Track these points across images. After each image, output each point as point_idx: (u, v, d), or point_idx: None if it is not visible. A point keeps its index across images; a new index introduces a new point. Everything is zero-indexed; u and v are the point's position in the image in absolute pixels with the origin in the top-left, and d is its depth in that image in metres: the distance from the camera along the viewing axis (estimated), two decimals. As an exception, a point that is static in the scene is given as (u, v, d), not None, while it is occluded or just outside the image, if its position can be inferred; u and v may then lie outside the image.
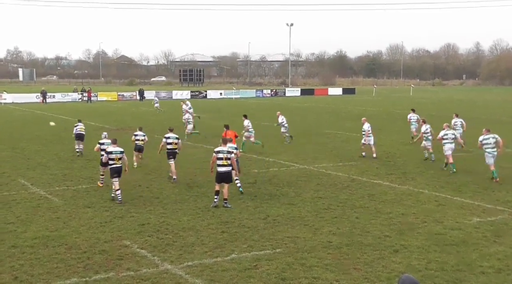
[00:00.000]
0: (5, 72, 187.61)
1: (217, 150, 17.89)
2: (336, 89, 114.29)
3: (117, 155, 18.54)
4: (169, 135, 22.17)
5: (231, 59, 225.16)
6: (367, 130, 27.54)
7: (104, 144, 20.69)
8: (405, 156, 27.84)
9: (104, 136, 21.96)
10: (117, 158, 18.53)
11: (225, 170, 17.67)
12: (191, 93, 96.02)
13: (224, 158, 17.61)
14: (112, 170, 18.54)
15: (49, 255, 13.19)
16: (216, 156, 17.72)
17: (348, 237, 14.50)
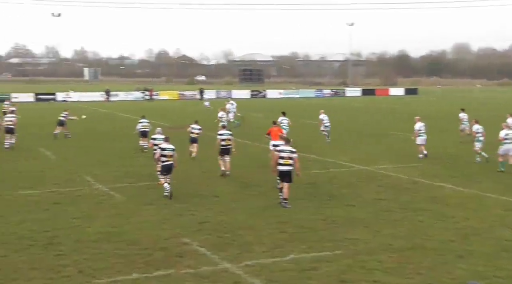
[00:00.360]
0: (71, 71, 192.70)
1: (279, 149, 17.97)
2: (397, 89, 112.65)
3: (170, 152, 18.97)
4: (222, 132, 22.93)
5: (291, 59, 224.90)
6: (418, 129, 27.39)
7: (156, 139, 21.66)
8: (468, 158, 27.13)
9: (158, 132, 22.61)
10: (169, 155, 18.95)
11: (286, 169, 17.69)
12: (251, 92, 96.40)
13: (286, 157, 17.66)
14: (164, 167, 18.97)
15: (112, 250, 13.43)
16: (278, 155, 17.77)
17: (409, 241, 14.22)
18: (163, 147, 19.18)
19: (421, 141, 27.44)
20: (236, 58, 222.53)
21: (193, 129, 26.98)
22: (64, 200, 18.46)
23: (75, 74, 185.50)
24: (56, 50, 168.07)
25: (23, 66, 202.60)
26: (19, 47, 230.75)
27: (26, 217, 16.34)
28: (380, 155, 28.43)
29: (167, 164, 18.97)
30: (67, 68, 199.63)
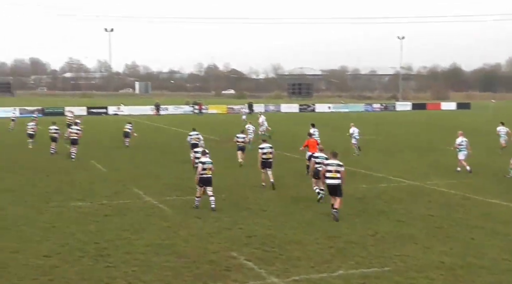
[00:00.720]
0: (123, 85, 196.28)
1: (326, 163, 18.41)
2: (449, 104, 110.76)
3: (209, 165, 19.31)
4: (263, 145, 23.44)
5: (340, 73, 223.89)
6: (458, 144, 27.50)
7: (198, 153, 22.51)
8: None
9: (201, 145, 23.39)
10: (208, 168, 19.25)
11: (334, 182, 17.94)
12: (300, 106, 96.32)
13: (333, 171, 17.89)
14: (202, 180, 19.23)
15: (160, 262, 13.53)
16: (325, 169, 18.14)
17: (461, 258, 13.91)
18: (203, 161, 19.51)
19: (461, 155, 27.41)
20: (285, 72, 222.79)
21: (238, 138, 29.85)
22: (113, 212, 18.73)
23: (126, 88, 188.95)
24: (108, 64, 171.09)
25: (76, 80, 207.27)
26: (73, 62, 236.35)
27: (78, 228, 16.63)
28: (431, 170, 27.97)
29: (205, 177, 19.25)
30: (119, 82, 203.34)
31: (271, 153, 22.97)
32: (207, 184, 19.25)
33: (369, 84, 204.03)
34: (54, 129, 34.56)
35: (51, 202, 20.21)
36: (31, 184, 23.92)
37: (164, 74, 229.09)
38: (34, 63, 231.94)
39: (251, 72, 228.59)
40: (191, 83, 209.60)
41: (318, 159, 20.26)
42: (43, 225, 16.96)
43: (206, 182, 19.23)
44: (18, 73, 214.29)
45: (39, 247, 14.71)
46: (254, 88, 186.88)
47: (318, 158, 20.34)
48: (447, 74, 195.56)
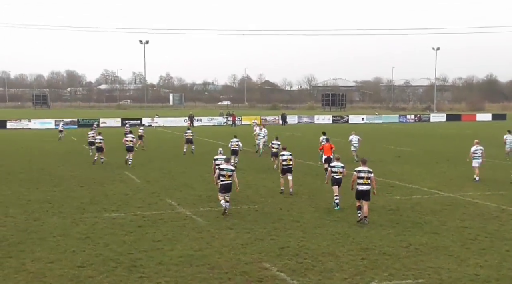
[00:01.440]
0: (157, 96, 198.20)
1: (358, 170, 19.18)
2: (485, 115, 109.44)
3: (228, 173, 20.12)
4: (284, 152, 24.49)
5: (374, 84, 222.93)
6: (472, 152, 28.18)
7: (218, 159, 22.82)
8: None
9: (220, 152, 24.13)
10: (227, 175, 20.08)
11: (364, 188, 18.86)
12: (333, 117, 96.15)
13: (364, 177, 18.80)
14: (222, 186, 20.12)
15: (193, 274, 13.61)
16: (357, 175, 18.96)
17: (497, 271, 13.72)
18: (222, 167, 20.37)
19: (474, 163, 27.99)
20: (319, 83, 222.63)
21: (273, 144, 32.12)
22: (147, 223, 18.89)
23: (160, 99, 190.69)
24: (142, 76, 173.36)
25: (111, 92, 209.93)
26: (108, 74, 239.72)
27: (112, 239, 16.82)
28: (466, 182, 27.62)
29: (224, 183, 20.08)
30: (153, 94, 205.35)
31: (291, 160, 23.79)
32: (228, 190, 20.12)
33: (403, 95, 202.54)
34: (99, 139, 35.98)
35: (86, 213, 20.49)
36: (66, 195, 24.28)
37: (198, 85, 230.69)
38: (70, 75, 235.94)
39: (284, 84, 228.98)
40: (225, 94, 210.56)
41: (334, 168, 21.26)
42: (78, 236, 17.21)
43: (226, 188, 20.08)
44: (54, 85, 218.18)
45: (74, 258, 14.93)
46: (288, 100, 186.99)
47: (335, 167, 21.29)
48: (483, 85, 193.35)
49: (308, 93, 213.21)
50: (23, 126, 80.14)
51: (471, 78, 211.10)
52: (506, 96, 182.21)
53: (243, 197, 23.51)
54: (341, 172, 21.15)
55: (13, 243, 16.37)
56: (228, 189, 20.16)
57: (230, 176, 20.18)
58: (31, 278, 13.32)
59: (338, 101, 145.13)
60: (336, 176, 21.05)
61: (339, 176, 21.08)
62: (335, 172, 21.12)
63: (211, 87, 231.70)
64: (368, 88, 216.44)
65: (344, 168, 21.31)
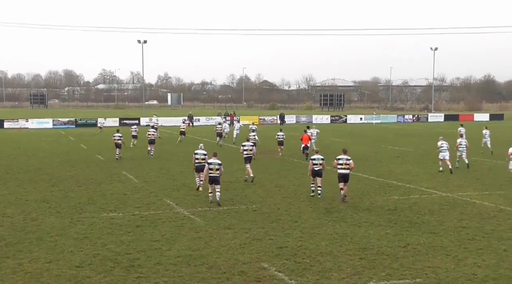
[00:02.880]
0: (155, 96, 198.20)
1: (338, 158, 22.78)
2: (482, 115, 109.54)
3: (215, 166, 21.74)
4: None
5: (372, 84, 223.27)
6: (439, 146, 31.36)
7: (197, 154, 24.59)
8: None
9: (200, 147, 25.43)
10: (214, 169, 21.70)
11: (343, 172, 22.51)
12: (331, 117, 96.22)
13: (343, 164, 22.47)
14: (210, 178, 21.86)
15: (191, 273, 13.62)
16: (337, 162, 22.69)
17: (494, 271, 13.74)
18: (210, 161, 22.06)
19: (441, 156, 31.08)
20: (317, 83, 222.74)
21: (279, 136, 36.93)
22: (145, 223, 18.89)
23: (158, 99, 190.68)
24: (141, 76, 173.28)
25: (109, 92, 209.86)
26: (106, 74, 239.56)
27: (110, 239, 16.82)
28: (464, 182, 27.66)
29: (212, 176, 21.79)
30: (151, 94, 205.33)
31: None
32: (214, 182, 21.83)
33: (401, 95, 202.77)
34: (118, 136, 37.78)
35: (84, 213, 20.49)
36: (64, 195, 24.27)
37: (196, 85, 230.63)
38: (67, 75, 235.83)
39: (283, 84, 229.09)
40: (223, 94, 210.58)
41: (315, 160, 23.27)
42: (76, 236, 17.20)
43: (213, 180, 21.81)
44: (52, 85, 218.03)
45: (72, 258, 14.93)
46: (286, 100, 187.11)
47: (315, 160, 23.30)
48: (481, 85, 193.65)
49: (306, 93, 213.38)
50: (21, 126, 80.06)
51: (469, 78, 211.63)
52: (504, 97, 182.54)
53: (241, 197, 23.53)
54: (321, 164, 23.13)
55: (11, 243, 16.36)
56: (216, 182, 21.80)
57: (218, 170, 21.72)
58: (28, 278, 13.31)
59: (337, 101, 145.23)
60: (316, 168, 23.09)
61: (319, 167, 23.06)
62: (315, 164, 23.10)
63: (210, 87, 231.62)
64: (366, 88, 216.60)
65: (323, 160, 23.30)
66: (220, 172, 21.86)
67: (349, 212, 20.45)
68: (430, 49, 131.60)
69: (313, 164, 23.32)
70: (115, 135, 38.16)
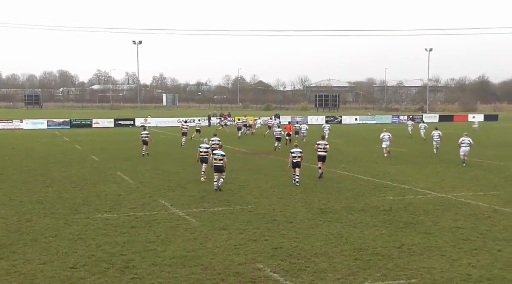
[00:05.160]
0: (150, 97, 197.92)
1: (318, 143, 28.35)
2: (477, 115, 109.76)
3: (219, 157, 24.60)
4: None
5: (367, 85, 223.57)
6: (381, 137, 39.41)
7: (201, 147, 28.07)
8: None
9: (204, 141, 29.04)
10: (218, 159, 24.55)
11: (322, 154, 28.12)
12: (326, 118, 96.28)
13: (322, 147, 28.08)
14: (215, 167, 24.91)
15: (186, 274, 13.59)
16: (317, 146, 28.30)
17: (489, 271, 13.76)
18: (215, 152, 25.22)
19: (383, 145, 38.91)
20: (312, 84, 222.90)
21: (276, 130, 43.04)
22: (140, 224, 18.84)
23: (154, 100, 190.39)
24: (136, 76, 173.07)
25: (104, 92, 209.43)
26: (101, 74, 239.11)
27: (104, 240, 16.78)
28: (459, 182, 27.70)
29: (216, 165, 24.77)
30: (146, 94, 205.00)
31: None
32: (219, 171, 24.70)
33: (396, 96, 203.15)
34: (145, 133, 40.32)
35: (78, 214, 20.43)
36: (58, 196, 24.21)
37: (191, 86, 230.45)
38: (62, 76, 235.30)
39: (278, 84, 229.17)
40: (218, 95, 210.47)
41: (294, 153, 26.16)
42: (70, 237, 17.15)
43: (217, 169, 24.72)
44: (47, 85, 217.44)
45: (66, 259, 14.88)
46: (281, 100, 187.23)
47: (294, 153, 26.20)
48: (475, 86, 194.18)
49: (301, 94, 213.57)
50: (15, 127, 79.92)
51: (464, 79, 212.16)
52: (498, 97, 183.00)
53: (236, 197, 23.51)
54: (300, 156, 26.06)
55: (4, 244, 16.30)
56: (220, 170, 24.69)
57: (221, 160, 24.49)
58: (22, 279, 13.26)
59: (332, 102, 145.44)
60: (295, 160, 26.12)
61: (297, 160, 26.04)
62: (294, 157, 26.11)
63: (205, 88, 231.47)
64: (361, 89, 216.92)
65: (302, 153, 26.29)
66: (223, 162, 24.49)
67: (344, 212, 20.46)
68: (425, 50, 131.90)
69: (292, 156, 26.18)
70: (142, 133, 40.64)
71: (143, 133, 40.65)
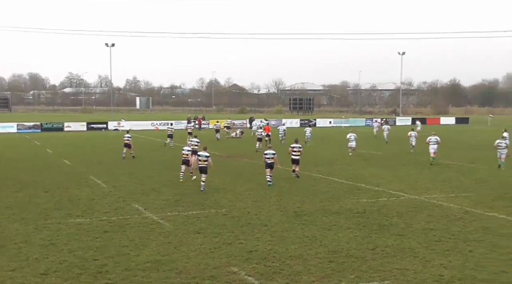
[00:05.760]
0: (124, 100, 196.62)
1: (292, 146, 29.49)
2: (448, 118, 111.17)
3: (203, 158, 25.47)
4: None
5: (341, 88, 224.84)
6: (347, 138, 42.49)
7: (184, 150, 28.69)
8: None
9: (188, 144, 30.62)
10: (202, 160, 25.43)
11: (295, 157, 29.36)
12: (301, 121, 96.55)
13: (296, 150, 29.20)
14: (200, 169, 25.68)
15: (160, 279, 13.49)
16: (292, 149, 29.33)
17: (460, 271, 13.90)
18: (199, 153, 26.14)
19: (349, 145, 42.09)
20: (287, 87, 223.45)
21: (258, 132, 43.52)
22: (113, 229, 18.68)
23: (127, 103, 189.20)
24: (109, 79, 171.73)
25: (76, 95, 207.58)
26: (73, 77, 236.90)
27: (77, 245, 16.59)
28: (431, 184, 27.95)
29: (200, 166, 25.56)
30: (120, 97, 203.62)
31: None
32: (202, 172, 25.49)
33: (370, 99, 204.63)
34: (128, 136, 40.58)
35: (50, 219, 20.18)
36: (28, 201, 23.88)
37: (165, 89, 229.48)
38: (32, 78, 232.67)
39: (252, 88, 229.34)
40: (193, 98, 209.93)
41: (267, 155, 27.36)
42: (41, 243, 16.91)
43: (201, 170, 25.54)
44: (16, 88, 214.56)
45: (37, 265, 14.66)
46: (256, 103, 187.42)
47: (267, 154, 27.41)
48: (447, 89, 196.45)
49: (276, 97, 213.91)
50: (-17, 131, 78.69)
51: (436, 82, 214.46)
52: (469, 100, 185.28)
53: (211, 201, 23.44)
54: (272, 158, 27.21)
55: (-25, 250, 16.03)
56: (203, 171, 25.45)
57: (206, 161, 25.32)
58: (-7, 286, 13.05)
59: (306, 105, 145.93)
60: (268, 161, 27.27)
61: (271, 161, 27.20)
62: (267, 158, 27.30)
63: (179, 91, 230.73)
64: (335, 92, 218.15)
65: (275, 155, 27.39)
66: (208, 163, 25.38)
67: (318, 215, 20.50)
68: (398, 54, 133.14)
69: (266, 158, 27.44)
70: (125, 136, 40.94)
71: (125, 136, 40.84)
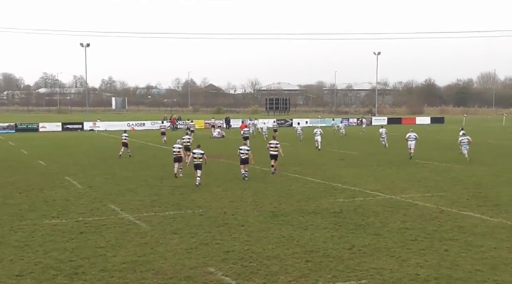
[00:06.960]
0: (99, 101, 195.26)
1: (269, 142, 31.34)
2: (424, 118, 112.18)
3: (198, 155, 26.88)
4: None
5: (317, 88, 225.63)
6: (314, 132, 47.44)
7: (174, 147, 30.16)
8: (497, 188, 26.80)
9: (177, 142, 31.42)
10: (198, 157, 26.81)
11: (273, 153, 30.74)
12: (277, 121, 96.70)
13: (273, 147, 30.85)
14: (195, 165, 26.86)
15: (137, 280, 13.42)
16: (269, 145, 31.04)
17: (436, 270, 14.01)
18: (194, 151, 27.36)
19: (316, 139, 46.55)
20: (263, 87, 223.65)
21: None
22: (89, 230, 18.55)
23: (102, 103, 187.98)
24: (84, 79, 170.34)
25: (51, 96, 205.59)
26: (47, 77, 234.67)
27: (52, 246, 16.44)
28: (407, 184, 28.16)
29: (196, 163, 26.79)
30: (95, 98, 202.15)
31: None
32: (198, 168, 26.72)
33: (346, 99, 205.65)
34: (125, 136, 41.80)
35: (25, 220, 19.97)
36: (2, 202, 23.61)
37: (141, 89, 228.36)
38: (6, 78, 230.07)
39: (229, 88, 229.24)
40: (168, 98, 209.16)
41: (242, 150, 28.75)
42: (16, 244, 16.73)
43: (196, 167, 26.75)
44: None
45: (12, 267, 14.50)
46: (232, 103, 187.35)
47: (242, 149, 28.78)
48: (422, 89, 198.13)
49: (252, 97, 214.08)
50: (-44, 132, 77.63)
51: (411, 82, 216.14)
52: (444, 100, 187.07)
53: (187, 201, 23.38)
54: (247, 153, 28.54)
55: (-52, 252, 15.81)
56: (199, 168, 26.72)
57: (201, 158, 26.79)
58: (-33, 288, 12.89)
59: (282, 105, 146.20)
60: (243, 157, 28.61)
61: (245, 156, 28.56)
62: (242, 153, 28.61)
63: (155, 91, 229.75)
64: (311, 92, 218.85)
65: (249, 151, 28.81)
66: (203, 159, 26.87)
67: (295, 215, 20.54)
68: (373, 54, 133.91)
69: (240, 153, 28.84)
70: (122, 135, 42.19)
71: (123, 135, 42.02)
